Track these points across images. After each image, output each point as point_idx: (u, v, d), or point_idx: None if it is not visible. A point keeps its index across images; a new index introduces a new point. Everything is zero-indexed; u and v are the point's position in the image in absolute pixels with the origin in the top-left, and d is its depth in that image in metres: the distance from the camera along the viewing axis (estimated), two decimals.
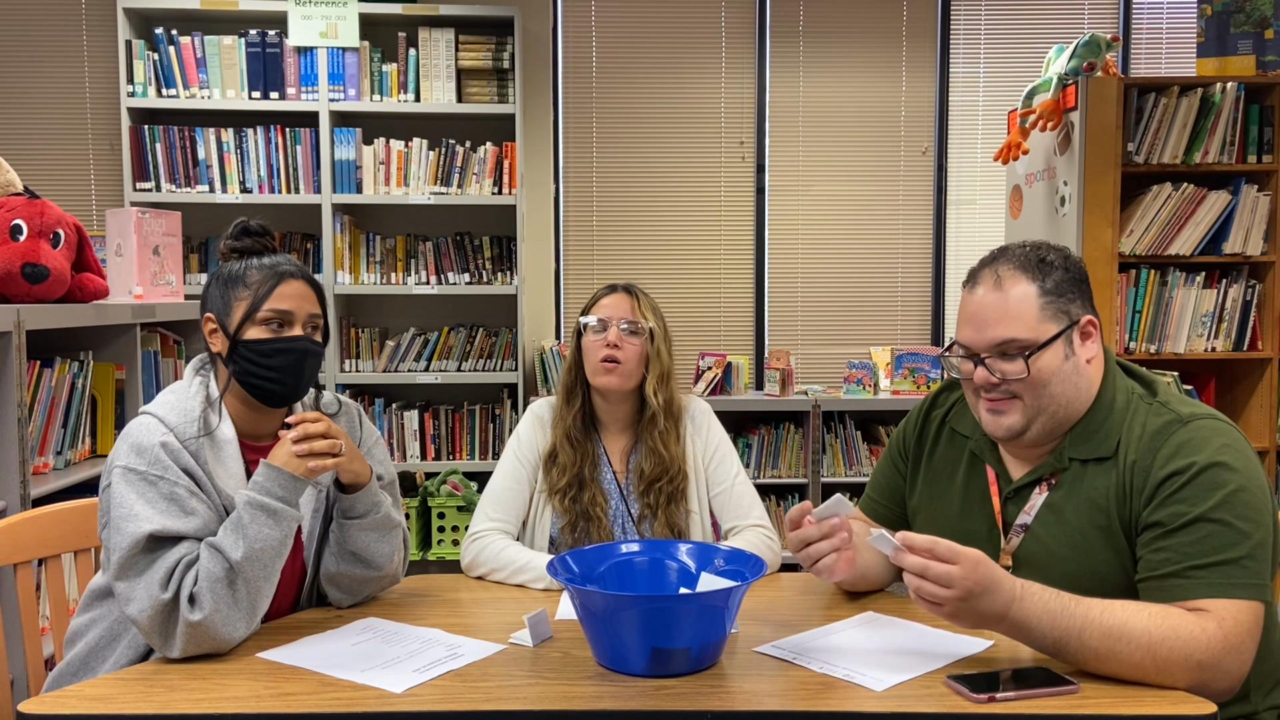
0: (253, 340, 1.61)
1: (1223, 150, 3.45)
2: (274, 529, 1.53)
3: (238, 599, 1.50)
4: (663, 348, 2.09)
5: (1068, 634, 1.36)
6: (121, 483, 1.52)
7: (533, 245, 4.45)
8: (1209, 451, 1.43)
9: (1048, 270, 1.53)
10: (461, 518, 4.08)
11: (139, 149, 4.07)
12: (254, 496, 1.53)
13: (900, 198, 4.62)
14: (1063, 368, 1.52)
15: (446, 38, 4.11)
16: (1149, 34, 4.58)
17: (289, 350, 1.62)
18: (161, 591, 1.45)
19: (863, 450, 4.25)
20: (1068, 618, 1.36)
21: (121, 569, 1.48)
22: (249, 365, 1.61)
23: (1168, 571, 1.42)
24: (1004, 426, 1.55)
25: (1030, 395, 1.52)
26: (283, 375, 1.62)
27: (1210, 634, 1.35)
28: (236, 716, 1.31)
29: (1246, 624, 1.37)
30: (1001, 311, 1.52)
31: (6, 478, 2.15)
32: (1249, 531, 1.39)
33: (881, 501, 1.82)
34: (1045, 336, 1.51)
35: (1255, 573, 1.39)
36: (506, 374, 4.26)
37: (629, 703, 1.33)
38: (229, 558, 1.49)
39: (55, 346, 2.51)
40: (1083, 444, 1.54)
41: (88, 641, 1.63)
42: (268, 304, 1.62)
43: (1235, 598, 1.37)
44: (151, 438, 1.55)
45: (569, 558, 1.59)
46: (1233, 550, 1.38)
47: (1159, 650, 1.34)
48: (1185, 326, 3.52)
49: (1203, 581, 1.39)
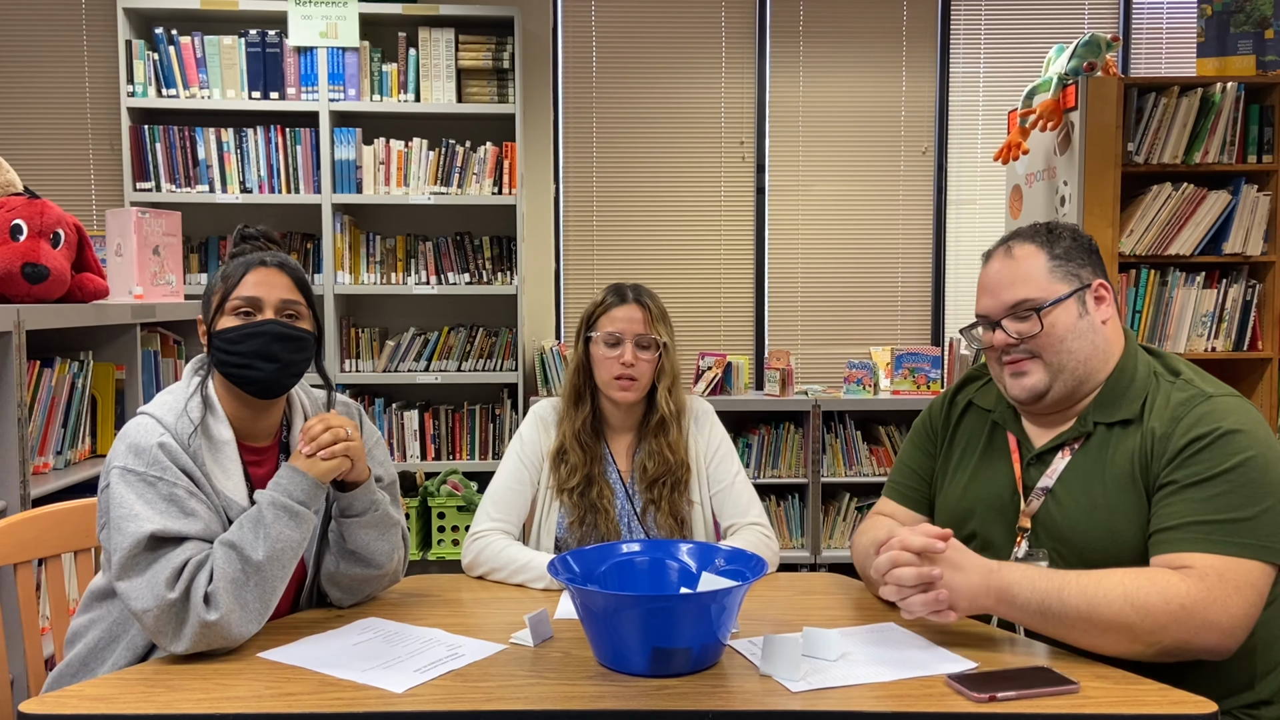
0: (223, 330, 1.62)
1: (1223, 150, 3.45)
2: (294, 530, 1.55)
3: (252, 599, 1.51)
4: (674, 356, 2.10)
5: (1048, 594, 1.41)
6: (120, 483, 1.52)
7: (533, 245, 4.45)
8: (1231, 421, 1.48)
9: (1056, 239, 1.62)
10: (461, 518, 4.08)
11: (139, 149, 4.07)
12: (277, 497, 1.54)
13: (900, 198, 4.62)
14: (1078, 325, 1.58)
15: (446, 38, 4.11)
16: (1149, 34, 4.58)
17: (256, 334, 1.61)
18: (168, 591, 1.45)
19: (863, 450, 4.25)
20: (1046, 579, 1.42)
21: (123, 569, 1.47)
22: (222, 355, 1.62)
23: (1171, 525, 1.45)
24: (1026, 387, 1.60)
25: (1049, 353, 1.58)
26: (254, 360, 1.60)
27: (1191, 583, 1.38)
28: (237, 716, 1.31)
29: (1236, 580, 1.38)
30: (1013, 276, 1.61)
31: (6, 478, 2.15)
32: (1261, 495, 1.42)
33: (908, 484, 1.84)
34: (1056, 295, 1.58)
35: (1263, 534, 1.41)
36: (506, 374, 4.26)
37: (629, 703, 1.33)
38: (250, 558, 1.50)
39: (55, 346, 2.51)
40: (1106, 408, 1.59)
41: (87, 642, 1.63)
42: (235, 293, 1.62)
43: (1228, 554, 1.40)
44: (149, 438, 1.55)
45: (569, 557, 1.59)
46: (1241, 510, 1.42)
47: (1135, 597, 1.37)
48: (1185, 326, 3.52)
49: (1203, 537, 1.42)
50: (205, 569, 1.49)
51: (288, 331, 1.63)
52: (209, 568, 1.49)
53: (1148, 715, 1.30)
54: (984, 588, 1.43)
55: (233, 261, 1.67)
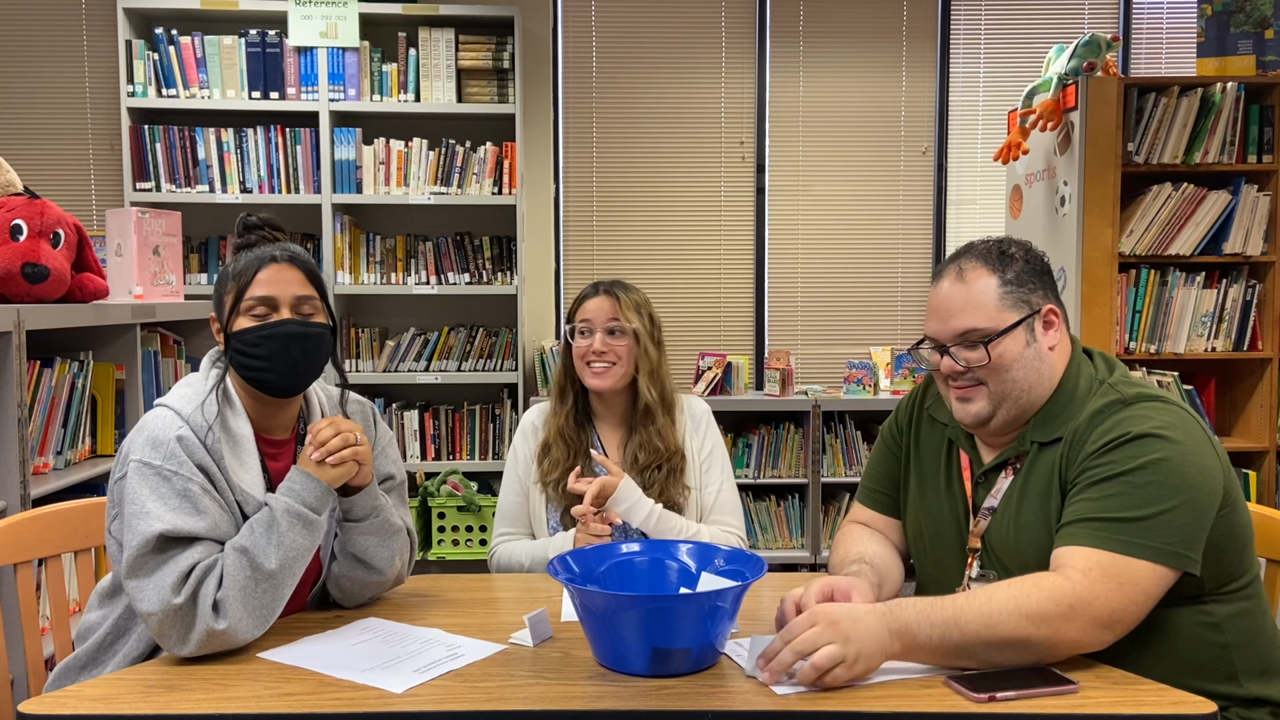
0: (240, 331, 1.60)
1: (1223, 150, 3.45)
2: (307, 538, 1.55)
3: (261, 605, 1.51)
4: (649, 345, 2.11)
5: (947, 626, 1.37)
6: (136, 478, 1.52)
7: (533, 245, 4.45)
8: (1145, 426, 1.47)
9: (1009, 262, 1.59)
10: (461, 518, 4.08)
11: (139, 149, 4.07)
12: (291, 504, 1.54)
13: (900, 198, 4.62)
14: (1024, 354, 1.56)
15: (446, 38, 4.11)
16: (1149, 34, 4.58)
17: (274, 336, 1.59)
18: (173, 595, 1.44)
19: (862, 450, 4.24)
20: (940, 610, 1.39)
21: (131, 568, 1.47)
22: (241, 358, 1.61)
23: (1066, 521, 1.45)
24: (971, 414, 1.60)
25: (994, 381, 1.57)
26: (274, 363, 1.60)
27: (1074, 580, 1.38)
28: (237, 716, 1.31)
29: (1117, 575, 1.38)
30: (964, 302, 1.58)
31: (6, 478, 2.15)
32: (1161, 497, 1.41)
33: (881, 489, 1.83)
34: (1005, 324, 1.56)
35: (1157, 535, 1.40)
36: (506, 374, 4.26)
37: (629, 703, 1.33)
38: (262, 566, 1.50)
39: (55, 346, 2.51)
40: (1044, 427, 1.58)
41: (96, 638, 1.63)
42: (249, 292, 1.60)
43: (1114, 551, 1.39)
44: (168, 431, 1.54)
45: (569, 557, 1.59)
46: (1135, 510, 1.41)
47: (1026, 606, 1.36)
48: (1185, 326, 3.51)
49: (1090, 533, 1.41)
50: (214, 574, 1.48)
51: (305, 330, 1.62)
52: (218, 573, 1.48)
53: (1147, 715, 1.30)
54: (884, 632, 1.37)
55: (242, 257, 1.64)
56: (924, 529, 1.72)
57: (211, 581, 1.47)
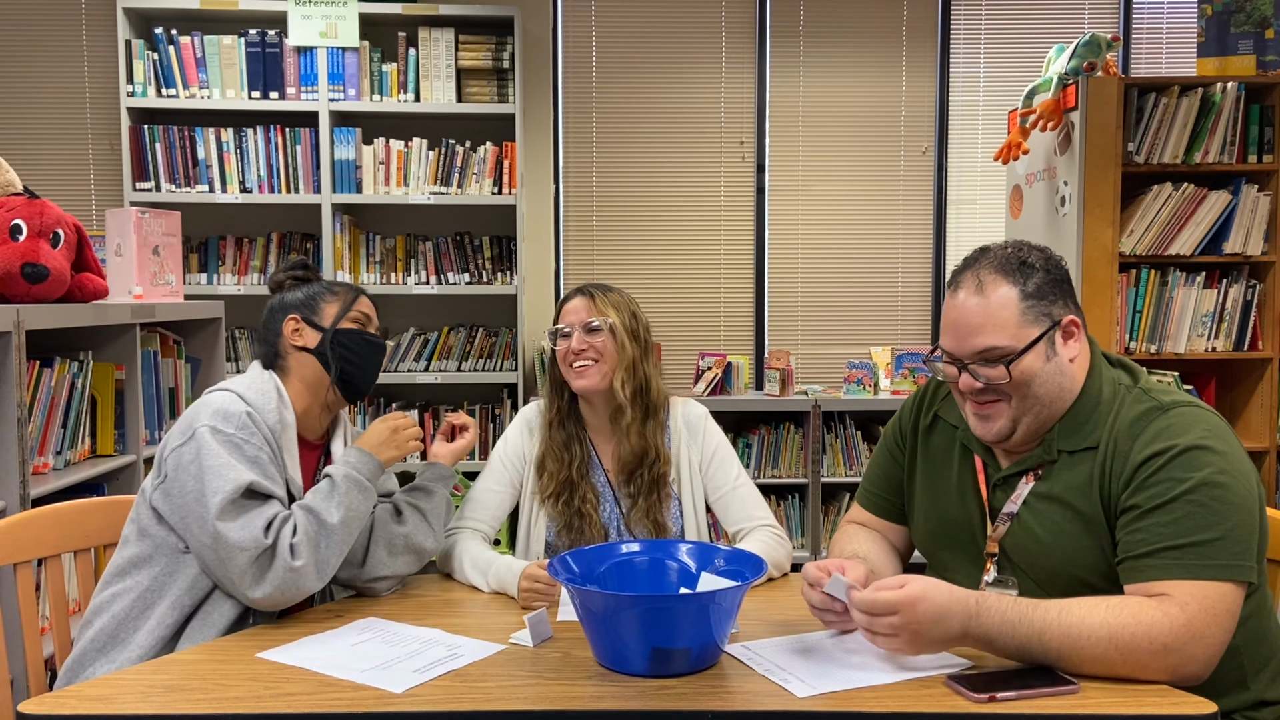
0: (350, 329, 1.86)
1: (1223, 150, 3.45)
2: (363, 503, 1.72)
3: (323, 557, 1.64)
4: (626, 340, 2.06)
5: (1029, 640, 1.37)
6: (211, 439, 1.63)
7: (533, 245, 4.45)
8: (1190, 436, 1.44)
9: (1029, 273, 1.53)
10: None
11: (139, 149, 4.07)
12: (349, 472, 1.72)
13: (900, 198, 4.62)
14: (1044, 369, 1.52)
15: (446, 38, 4.11)
16: (1149, 34, 4.58)
17: (379, 345, 1.90)
18: (264, 536, 1.59)
19: (862, 450, 4.24)
20: (1026, 625, 1.37)
21: (224, 511, 1.58)
22: (346, 352, 1.84)
23: (1142, 552, 1.42)
24: (993, 431, 1.56)
25: (1014, 397, 1.53)
26: (368, 369, 1.87)
27: (1172, 617, 1.35)
28: (236, 717, 1.31)
29: (1214, 607, 1.36)
30: (983, 318, 1.51)
31: (6, 478, 2.15)
32: (1226, 513, 1.39)
33: (880, 493, 1.81)
34: (1026, 342, 1.51)
35: (1232, 553, 1.39)
36: (506, 374, 4.26)
37: (629, 703, 1.33)
38: (325, 521, 1.65)
39: (55, 346, 2.51)
40: (1070, 436, 1.55)
41: (114, 614, 1.65)
42: (355, 307, 1.89)
43: (1204, 578, 1.37)
44: (238, 405, 1.69)
45: (569, 557, 1.59)
46: (1208, 531, 1.39)
47: (1120, 638, 1.35)
48: (1185, 326, 3.51)
49: (1176, 563, 1.39)
50: (289, 524, 1.63)
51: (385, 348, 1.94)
52: (292, 523, 1.63)
53: (1147, 716, 1.30)
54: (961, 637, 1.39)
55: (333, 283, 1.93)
56: (934, 531, 1.70)
57: (288, 529, 1.62)
